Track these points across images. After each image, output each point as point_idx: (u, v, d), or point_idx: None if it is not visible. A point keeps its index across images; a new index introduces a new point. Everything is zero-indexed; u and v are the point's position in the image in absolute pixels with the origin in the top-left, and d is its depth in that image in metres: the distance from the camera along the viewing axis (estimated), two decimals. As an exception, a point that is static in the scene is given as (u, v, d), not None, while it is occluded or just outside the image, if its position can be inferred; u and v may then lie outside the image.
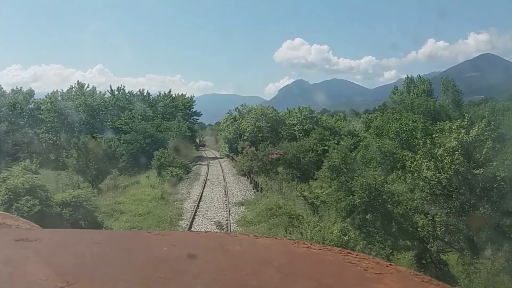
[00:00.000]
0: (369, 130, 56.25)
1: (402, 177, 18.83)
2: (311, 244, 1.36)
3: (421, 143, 17.28)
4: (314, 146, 43.05)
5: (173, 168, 34.14)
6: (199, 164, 48.60)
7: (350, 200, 17.58)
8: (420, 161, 16.38)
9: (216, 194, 27.45)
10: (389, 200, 16.83)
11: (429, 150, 16.07)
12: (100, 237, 1.53)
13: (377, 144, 28.93)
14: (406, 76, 66.30)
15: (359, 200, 17.05)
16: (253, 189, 29.03)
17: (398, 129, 35.07)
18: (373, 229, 17.04)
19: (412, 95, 59.77)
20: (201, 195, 26.61)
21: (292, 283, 1.07)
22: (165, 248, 1.24)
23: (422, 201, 16.34)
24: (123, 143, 46.15)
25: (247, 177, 34.93)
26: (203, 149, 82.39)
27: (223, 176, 36.50)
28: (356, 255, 1.29)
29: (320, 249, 1.32)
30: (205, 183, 32.27)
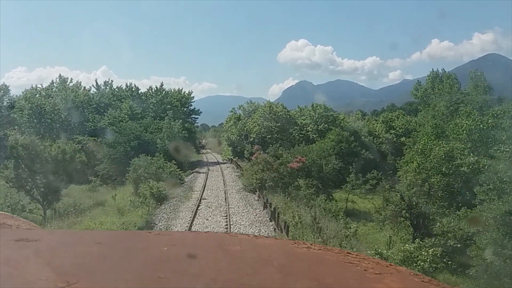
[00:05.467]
0: (390, 130, 55.98)
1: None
2: (311, 244, 1.50)
3: None
4: (332, 150, 39.28)
5: (155, 182, 28.49)
6: (196, 171, 45.11)
7: None
8: None
9: (213, 230, 20.68)
10: None
11: None
12: (100, 237, 1.68)
13: (443, 148, 23.07)
14: (410, 76, 66.93)
15: None
16: (270, 221, 21.93)
17: (472, 127, 28.41)
18: None
19: (437, 91, 59.61)
20: (188, 233, 20.97)
21: (292, 283, 1.20)
22: (165, 248, 1.39)
23: None
24: (105, 145, 43.31)
25: (259, 196, 28.45)
26: (203, 151, 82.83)
27: (225, 192, 30.40)
28: (356, 255, 1.43)
29: (320, 249, 1.46)
30: (198, 205, 25.63)
